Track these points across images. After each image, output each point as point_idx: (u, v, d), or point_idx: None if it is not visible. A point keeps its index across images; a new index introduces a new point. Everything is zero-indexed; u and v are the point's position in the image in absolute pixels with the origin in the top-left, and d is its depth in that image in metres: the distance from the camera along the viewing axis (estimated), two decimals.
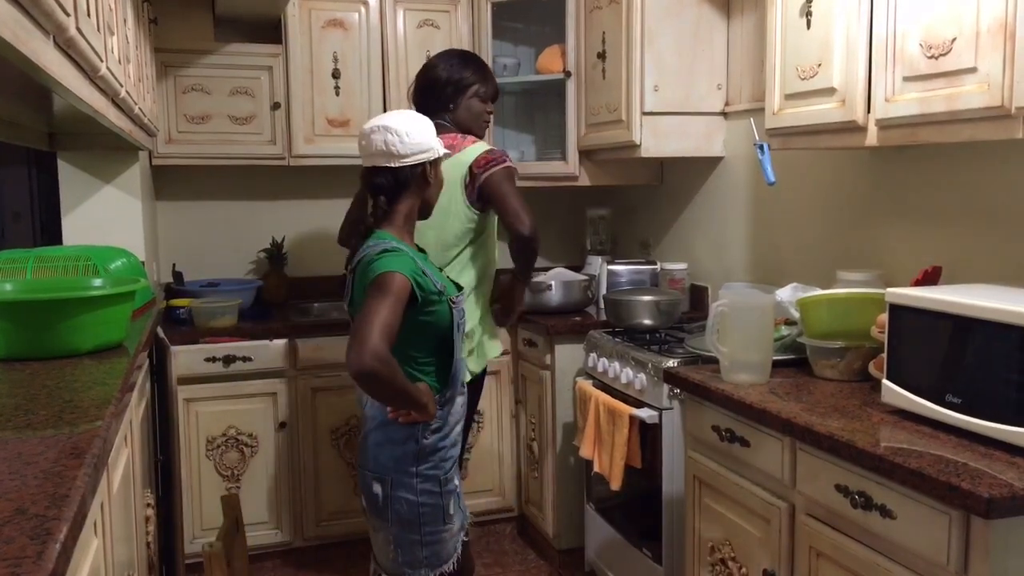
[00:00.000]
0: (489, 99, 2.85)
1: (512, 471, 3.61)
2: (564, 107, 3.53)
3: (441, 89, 2.78)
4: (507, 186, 2.64)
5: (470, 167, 2.64)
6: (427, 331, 2.07)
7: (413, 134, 2.05)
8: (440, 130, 2.61)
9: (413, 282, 1.97)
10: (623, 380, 2.76)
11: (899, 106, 1.92)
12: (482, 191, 2.63)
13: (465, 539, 2.27)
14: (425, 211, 2.19)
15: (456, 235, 2.66)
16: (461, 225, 2.66)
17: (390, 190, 2.08)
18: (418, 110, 2.74)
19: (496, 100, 2.90)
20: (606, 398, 2.79)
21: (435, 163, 2.14)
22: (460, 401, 2.17)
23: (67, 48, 1.43)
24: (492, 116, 2.92)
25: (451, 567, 2.17)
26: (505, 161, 2.68)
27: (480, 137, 2.82)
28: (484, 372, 2.82)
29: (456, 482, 2.19)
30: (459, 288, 2.24)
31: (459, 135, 2.74)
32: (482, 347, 2.76)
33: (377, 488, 2.10)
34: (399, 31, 3.68)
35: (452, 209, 2.64)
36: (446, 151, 2.18)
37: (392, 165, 2.05)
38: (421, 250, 2.23)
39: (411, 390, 1.99)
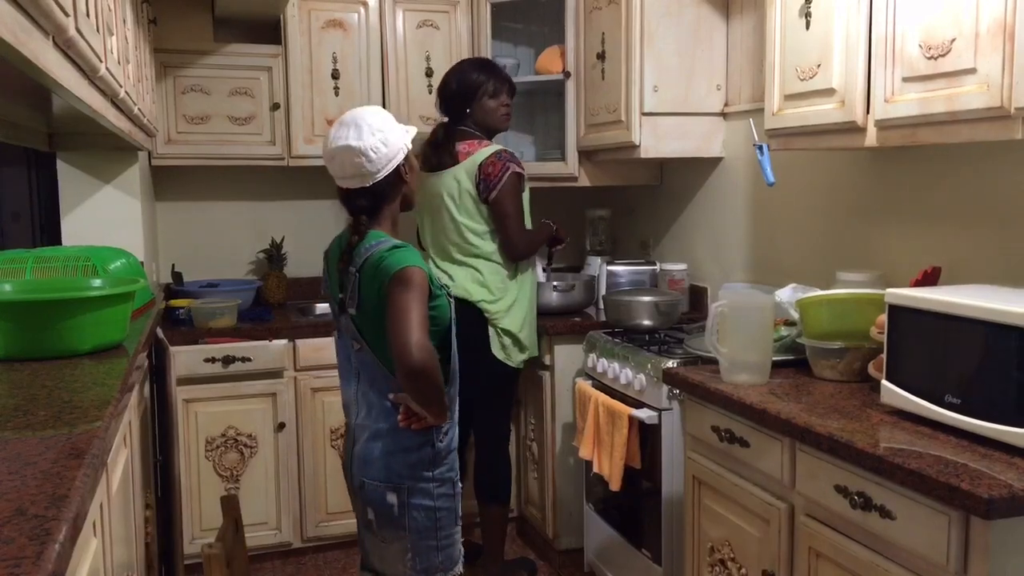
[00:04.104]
0: (502, 94, 3.09)
1: (512, 471, 3.60)
2: (564, 108, 3.53)
3: (456, 98, 3.06)
4: (509, 205, 2.97)
5: (480, 165, 2.95)
6: (432, 325, 2.02)
7: (379, 147, 1.96)
8: (463, 136, 3.04)
9: (427, 275, 1.96)
10: (622, 381, 2.76)
11: (899, 107, 1.92)
12: (490, 208, 2.97)
13: None
14: (407, 204, 2.14)
15: (472, 230, 2.99)
16: (474, 218, 2.98)
17: (372, 208, 2.03)
18: (447, 118, 3.09)
19: (512, 95, 3.13)
20: (605, 399, 2.79)
21: (407, 157, 2.06)
22: (457, 400, 2.15)
23: (66, 49, 1.43)
24: (510, 109, 3.13)
25: (460, 569, 2.13)
26: (509, 169, 2.96)
27: (503, 130, 3.16)
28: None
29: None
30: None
31: (476, 141, 3.04)
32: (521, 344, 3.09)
33: (392, 498, 2.02)
34: (398, 32, 3.68)
35: (471, 204, 2.98)
36: (413, 137, 2.10)
37: (367, 185, 2.00)
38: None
39: (443, 389, 1.97)
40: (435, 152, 3.05)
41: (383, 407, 2.04)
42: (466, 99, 3.05)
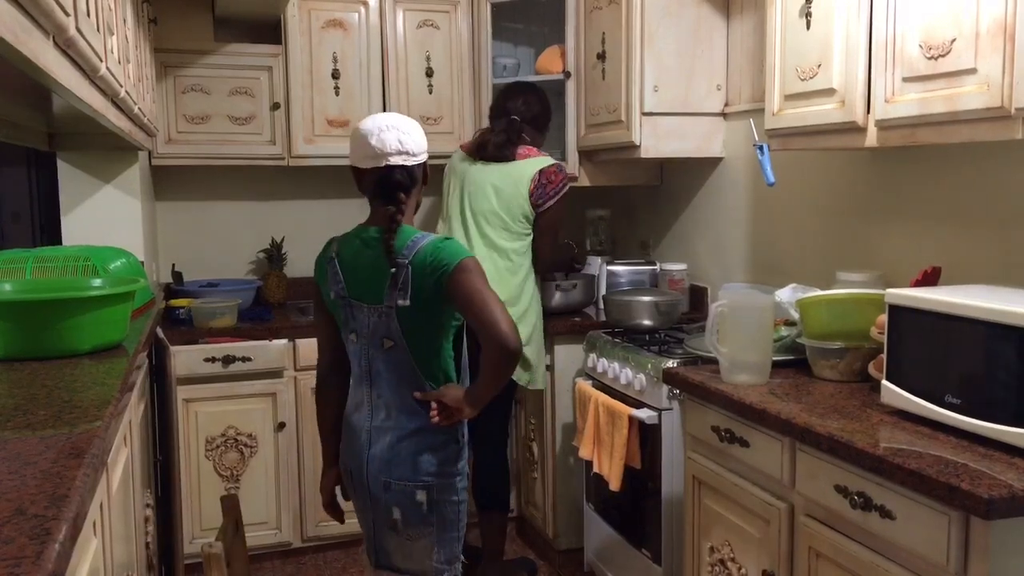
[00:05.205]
0: None
1: (510, 476, 3.60)
2: (564, 108, 3.53)
3: (543, 117, 3.26)
4: (556, 221, 3.15)
5: (542, 171, 3.08)
6: (455, 320, 2.03)
7: (417, 134, 2.03)
8: (522, 140, 3.16)
9: None
10: (623, 380, 2.76)
11: (899, 107, 1.92)
12: (537, 217, 3.09)
13: None
14: (417, 207, 2.15)
15: (504, 225, 3.06)
16: (514, 217, 3.06)
17: (408, 188, 2.02)
18: (525, 118, 3.17)
19: None
20: (605, 399, 2.79)
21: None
22: None
23: (67, 48, 1.43)
24: None
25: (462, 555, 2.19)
26: (567, 185, 3.14)
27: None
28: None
29: None
30: None
31: (533, 148, 3.18)
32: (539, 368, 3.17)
33: (421, 496, 2.04)
34: (399, 31, 3.68)
35: (515, 203, 3.06)
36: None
37: (408, 163, 2.01)
38: None
39: None
40: (500, 146, 3.11)
41: (408, 407, 2.02)
42: (549, 120, 3.28)
